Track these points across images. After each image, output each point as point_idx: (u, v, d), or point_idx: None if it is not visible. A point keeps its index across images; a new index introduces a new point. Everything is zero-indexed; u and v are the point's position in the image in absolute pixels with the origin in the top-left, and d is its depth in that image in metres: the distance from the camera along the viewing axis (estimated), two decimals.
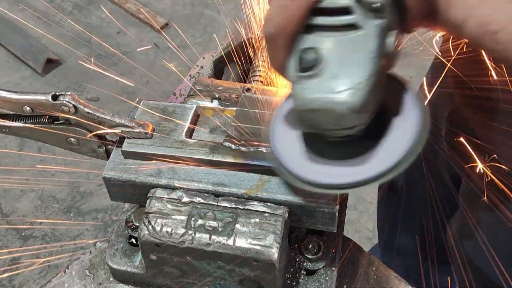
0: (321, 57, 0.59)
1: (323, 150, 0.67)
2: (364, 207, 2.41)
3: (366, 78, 0.58)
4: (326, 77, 0.59)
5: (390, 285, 0.81)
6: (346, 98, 0.58)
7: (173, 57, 3.01)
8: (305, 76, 0.60)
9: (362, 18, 0.59)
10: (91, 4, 3.28)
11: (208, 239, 0.69)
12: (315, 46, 0.60)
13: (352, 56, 0.59)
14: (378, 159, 0.65)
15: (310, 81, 0.60)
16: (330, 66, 0.59)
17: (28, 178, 2.53)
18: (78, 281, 0.82)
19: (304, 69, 0.60)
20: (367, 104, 0.59)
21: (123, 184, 0.75)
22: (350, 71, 0.59)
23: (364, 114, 0.61)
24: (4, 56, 3.00)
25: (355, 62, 0.59)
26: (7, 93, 0.75)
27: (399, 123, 0.66)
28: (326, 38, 0.60)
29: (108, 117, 0.75)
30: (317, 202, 0.70)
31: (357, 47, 0.59)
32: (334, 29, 0.59)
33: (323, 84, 0.59)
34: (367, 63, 0.58)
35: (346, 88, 0.58)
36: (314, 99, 0.59)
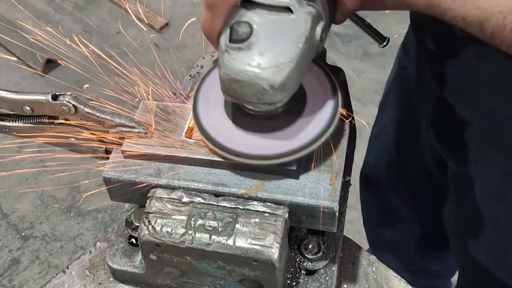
0: (253, 32, 0.62)
1: (246, 122, 0.72)
2: None
3: (289, 60, 0.62)
4: (253, 52, 0.62)
5: (390, 285, 0.81)
6: (268, 75, 0.62)
7: (173, 57, 3.01)
8: (234, 47, 0.63)
9: (296, 3, 0.62)
10: (91, 4, 3.28)
11: (208, 239, 0.69)
12: (249, 21, 0.63)
13: (281, 37, 0.62)
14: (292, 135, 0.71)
15: (239, 53, 0.63)
16: (259, 43, 0.62)
17: (28, 178, 2.53)
18: (78, 281, 0.82)
19: (234, 41, 0.63)
20: (287, 84, 0.63)
21: (123, 184, 0.75)
22: (277, 51, 0.62)
23: (283, 93, 0.64)
24: (4, 56, 3.00)
25: (282, 43, 0.62)
26: (7, 93, 0.75)
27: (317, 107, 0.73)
28: (261, 15, 0.63)
29: (108, 117, 0.75)
30: (317, 202, 0.70)
31: (286, 30, 0.63)
32: (269, 8, 0.63)
33: (249, 58, 0.62)
34: (293, 46, 0.62)
35: (270, 66, 0.62)
36: (239, 71, 0.63)
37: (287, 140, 0.70)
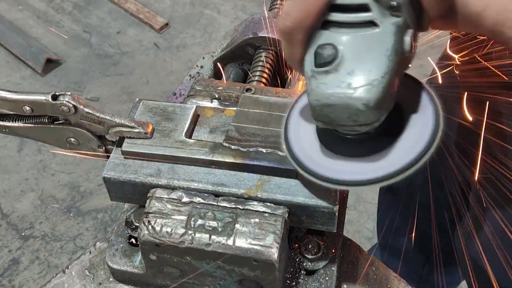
0: (338, 53, 0.60)
1: (338, 147, 0.68)
2: (364, 207, 2.41)
3: (381, 75, 0.59)
4: (342, 73, 0.59)
5: (390, 285, 0.81)
6: (361, 94, 0.59)
7: (173, 57, 3.01)
8: (321, 71, 0.60)
9: (379, 16, 0.59)
10: (91, 4, 3.28)
11: (208, 239, 0.69)
12: (332, 42, 0.60)
13: (369, 53, 0.59)
14: (393, 157, 0.65)
15: (326, 76, 0.60)
16: (347, 62, 0.60)
17: (28, 178, 2.53)
18: (78, 281, 0.82)
19: (320, 64, 0.60)
20: (382, 101, 0.60)
21: (123, 184, 0.75)
22: (366, 68, 0.59)
23: (379, 111, 0.61)
24: (4, 56, 3.00)
25: (371, 59, 0.59)
26: (7, 93, 0.75)
27: (415, 122, 0.66)
28: (343, 34, 0.60)
29: (108, 117, 0.75)
30: (317, 202, 0.70)
31: (374, 45, 0.59)
32: (351, 26, 0.60)
33: (339, 80, 0.59)
34: (383, 60, 0.59)
35: (362, 85, 0.59)
36: (330, 95, 0.60)
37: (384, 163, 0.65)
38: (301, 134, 0.71)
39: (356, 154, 0.67)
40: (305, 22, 0.60)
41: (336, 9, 0.60)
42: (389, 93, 0.60)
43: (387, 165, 0.65)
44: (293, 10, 0.60)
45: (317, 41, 0.61)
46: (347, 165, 0.67)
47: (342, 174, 0.66)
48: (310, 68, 0.61)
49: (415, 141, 0.65)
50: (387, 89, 0.59)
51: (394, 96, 0.63)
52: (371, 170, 0.65)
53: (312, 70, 0.61)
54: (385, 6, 0.58)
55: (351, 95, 0.59)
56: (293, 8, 0.60)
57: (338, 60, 0.60)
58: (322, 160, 0.68)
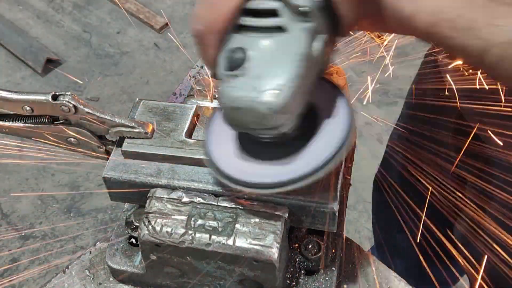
0: (248, 57, 0.60)
1: (256, 151, 0.69)
2: (364, 207, 2.41)
3: (289, 80, 0.59)
4: (250, 77, 0.60)
5: (390, 285, 0.81)
6: (267, 98, 0.59)
7: (173, 57, 3.01)
8: (231, 74, 0.61)
9: (289, 21, 0.59)
10: (91, 4, 3.28)
11: (208, 239, 0.69)
12: (242, 46, 0.60)
13: (277, 57, 0.60)
14: (305, 160, 0.66)
15: (235, 80, 0.61)
16: (255, 66, 0.60)
17: (28, 178, 2.53)
18: (78, 281, 0.82)
19: (230, 68, 0.61)
20: (289, 106, 0.60)
21: (123, 184, 0.75)
22: (273, 73, 0.60)
23: (285, 116, 0.62)
24: (4, 56, 3.00)
25: (279, 64, 0.60)
26: (7, 93, 0.75)
27: (329, 125, 0.68)
28: (254, 38, 0.61)
29: (108, 117, 0.75)
30: (317, 202, 0.70)
31: (283, 49, 0.60)
32: (261, 30, 0.60)
33: (246, 84, 0.60)
34: (291, 65, 0.59)
35: (268, 89, 0.59)
36: (237, 98, 0.60)
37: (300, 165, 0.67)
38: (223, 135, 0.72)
39: (270, 158, 0.68)
40: (216, 26, 0.60)
41: (247, 14, 0.60)
42: (296, 98, 0.61)
43: (292, 170, 0.66)
44: (203, 13, 0.60)
45: (228, 44, 0.61)
46: (258, 167, 0.68)
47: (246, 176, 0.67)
48: (221, 71, 0.62)
49: (325, 146, 0.66)
50: (293, 94, 0.60)
51: (303, 101, 0.63)
52: (278, 173, 0.66)
53: (222, 73, 0.62)
54: (295, 11, 0.59)
55: (256, 99, 0.59)
56: (204, 11, 0.60)
57: (246, 64, 0.60)
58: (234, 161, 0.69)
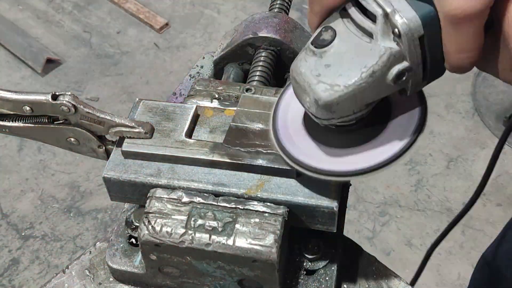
0: (332, 43, 0.60)
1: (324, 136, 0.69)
2: (364, 207, 2.41)
3: (346, 85, 0.59)
4: (322, 62, 0.61)
5: (390, 285, 0.81)
6: (318, 90, 0.60)
7: (173, 57, 3.01)
8: (311, 49, 0.61)
9: (380, 33, 0.58)
10: (91, 4, 3.28)
11: (208, 239, 0.69)
12: (335, 30, 0.61)
13: (351, 59, 0.60)
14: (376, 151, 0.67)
15: (311, 56, 0.61)
16: (332, 55, 0.60)
17: (28, 178, 2.53)
18: (78, 281, 0.82)
19: (315, 44, 0.61)
20: (335, 107, 0.61)
21: (123, 184, 0.75)
22: (339, 70, 0.60)
23: (329, 113, 0.62)
24: (4, 56, 3.00)
25: (348, 66, 0.60)
26: (7, 93, 0.75)
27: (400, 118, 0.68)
28: (348, 29, 0.61)
29: (108, 117, 0.75)
30: (317, 202, 0.70)
31: (361, 55, 0.59)
32: (357, 26, 0.60)
33: (315, 65, 0.61)
34: (356, 73, 0.59)
35: (326, 82, 0.60)
36: (300, 72, 0.61)
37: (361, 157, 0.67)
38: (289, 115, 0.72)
39: (340, 145, 0.68)
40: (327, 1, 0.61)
41: (355, 3, 0.60)
42: (347, 104, 0.61)
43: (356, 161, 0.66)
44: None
45: (328, 21, 0.62)
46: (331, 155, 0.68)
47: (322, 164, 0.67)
48: (308, 41, 0.63)
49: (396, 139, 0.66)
50: (344, 99, 0.60)
51: (358, 109, 0.62)
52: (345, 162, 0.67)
53: (308, 43, 0.62)
54: (389, 27, 0.58)
55: (312, 84, 0.60)
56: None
57: (328, 48, 0.61)
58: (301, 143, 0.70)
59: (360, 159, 0.67)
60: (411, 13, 0.56)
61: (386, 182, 2.48)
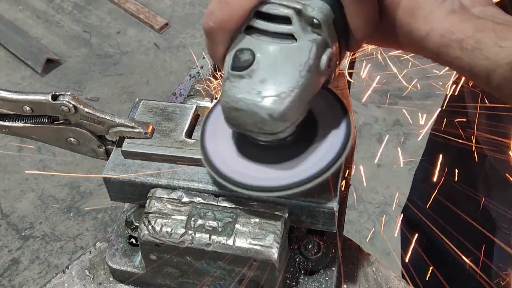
0: (255, 60, 0.61)
1: (254, 153, 0.69)
2: (364, 207, 2.41)
3: (290, 89, 0.60)
4: (254, 80, 0.61)
5: (390, 285, 0.81)
6: (268, 104, 0.60)
7: (173, 57, 3.01)
8: (236, 75, 0.61)
9: (300, 31, 0.60)
10: (91, 4, 3.28)
11: (208, 239, 0.69)
12: (251, 48, 0.61)
13: (283, 65, 0.60)
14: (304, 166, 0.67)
15: (240, 80, 0.61)
16: (261, 70, 0.61)
17: (28, 178, 2.53)
18: (78, 281, 0.82)
19: (236, 68, 0.61)
20: (287, 114, 0.61)
21: (123, 184, 0.75)
22: (278, 79, 0.60)
23: (284, 123, 0.63)
24: (4, 56, 3.00)
25: (284, 72, 0.60)
26: (7, 93, 0.75)
27: (329, 134, 0.69)
28: (263, 42, 0.61)
29: (108, 117, 0.75)
30: (317, 202, 0.70)
31: (289, 58, 0.60)
32: (272, 35, 0.61)
33: (250, 86, 0.61)
34: (295, 75, 0.60)
35: (270, 95, 0.60)
36: (239, 99, 0.61)
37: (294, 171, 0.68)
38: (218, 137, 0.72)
39: (267, 161, 0.69)
40: (228, 25, 0.61)
41: (261, 17, 0.61)
42: (297, 107, 0.62)
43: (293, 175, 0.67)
44: (216, 11, 0.61)
45: (238, 44, 0.62)
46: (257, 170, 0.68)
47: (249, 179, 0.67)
48: (227, 69, 0.62)
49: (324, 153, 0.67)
50: (294, 103, 0.61)
51: (304, 110, 0.64)
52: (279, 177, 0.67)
53: (228, 71, 0.62)
54: (306, 22, 0.59)
55: (258, 103, 0.60)
56: (217, 9, 0.61)
57: (254, 66, 0.61)
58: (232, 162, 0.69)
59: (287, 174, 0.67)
60: (319, 2, 0.59)
61: (386, 182, 2.48)
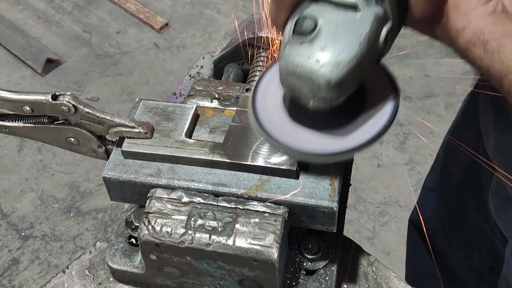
0: (317, 27, 0.62)
1: (304, 118, 0.70)
2: (364, 207, 2.41)
3: (349, 59, 0.61)
4: (314, 47, 0.61)
5: (390, 285, 0.81)
6: (325, 72, 0.61)
7: (173, 57, 3.01)
8: (297, 40, 0.62)
9: (363, 2, 0.61)
10: (91, 4, 3.28)
11: (208, 239, 0.69)
12: (315, 15, 0.62)
13: (344, 34, 0.61)
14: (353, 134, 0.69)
15: (300, 46, 0.62)
16: (322, 38, 0.61)
17: (28, 178, 2.53)
18: (78, 281, 0.82)
19: (298, 33, 0.62)
20: (343, 83, 0.62)
21: (123, 184, 0.75)
22: (338, 48, 0.61)
23: (338, 91, 0.63)
24: (4, 56, 3.00)
25: (344, 41, 0.61)
26: (7, 93, 0.75)
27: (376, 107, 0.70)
28: (327, 11, 0.62)
29: (108, 117, 0.75)
30: (317, 202, 0.70)
31: (351, 28, 0.61)
32: (336, 5, 0.62)
33: (310, 53, 0.62)
34: (355, 45, 0.61)
35: (329, 63, 0.61)
36: (297, 64, 0.62)
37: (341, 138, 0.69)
38: (269, 101, 0.73)
39: (320, 127, 0.70)
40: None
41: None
42: (352, 77, 0.63)
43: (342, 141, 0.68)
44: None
45: (302, 10, 0.63)
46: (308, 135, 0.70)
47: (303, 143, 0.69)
48: (288, 34, 0.63)
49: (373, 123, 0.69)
50: (351, 73, 0.62)
51: (359, 80, 0.65)
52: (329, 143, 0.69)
53: (289, 36, 0.63)
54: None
55: (316, 70, 0.61)
56: None
57: (315, 33, 0.62)
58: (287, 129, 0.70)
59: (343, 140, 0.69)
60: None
61: (386, 182, 2.48)
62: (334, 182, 0.71)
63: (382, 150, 2.53)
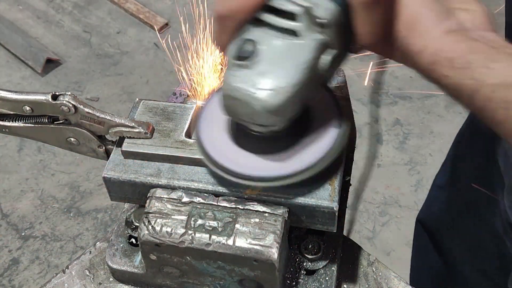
0: (257, 52, 0.62)
1: (248, 143, 0.71)
2: (364, 207, 2.41)
3: (289, 84, 0.61)
4: (254, 72, 0.61)
5: (390, 285, 0.81)
6: (264, 97, 0.61)
7: (173, 57, 3.01)
8: (237, 64, 0.62)
9: (305, 29, 0.60)
10: (91, 4, 3.28)
11: (208, 239, 0.69)
12: (255, 39, 0.62)
13: (284, 60, 0.61)
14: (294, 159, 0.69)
15: (240, 70, 0.62)
16: (262, 63, 0.61)
17: (28, 178, 2.53)
18: (78, 281, 0.82)
19: (239, 57, 0.62)
20: (283, 109, 0.62)
21: (123, 184, 0.75)
22: (277, 74, 0.61)
23: (277, 117, 0.63)
24: (4, 56, 3.00)
25: (284, 67, 0.61)
26: (7, 93, 0.75)
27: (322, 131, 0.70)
28: (268, 36, 0.62)
29: (108, 117, 0.75)
30: (317, 202, 0.70)
31: (292, 54, 0.61)
32: (277, 30, 0.61)
33: (249, 77, 0.62)
34: (295, 71, 0.61)
35: (267, 88, 0.61)
36: (236, 88, 0.62)
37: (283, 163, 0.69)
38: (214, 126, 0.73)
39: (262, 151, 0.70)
40: (238, 14, 0.62)
41: (269, 10, 0.61)
42: (292, 103, 0.62)
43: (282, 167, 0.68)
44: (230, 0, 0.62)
45: (243, 34, 0.63)
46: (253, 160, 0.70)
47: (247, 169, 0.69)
48: (230, 57, 0.63)
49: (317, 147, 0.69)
50: (290, 99, 0.61)
51: (298, 107, 0.65)
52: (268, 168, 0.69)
53: (230, 60, 0.63)
54: (312, 21, 0.60)
55: (253, 94, 0.61)
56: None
57: (255, 58, 0.61)
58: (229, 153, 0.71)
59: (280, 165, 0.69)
60: (328, 3, 0.59)
61: (386, 182, 2.48)
62: (334, 182, 0.71)
63: (382, 150, 2.53)
